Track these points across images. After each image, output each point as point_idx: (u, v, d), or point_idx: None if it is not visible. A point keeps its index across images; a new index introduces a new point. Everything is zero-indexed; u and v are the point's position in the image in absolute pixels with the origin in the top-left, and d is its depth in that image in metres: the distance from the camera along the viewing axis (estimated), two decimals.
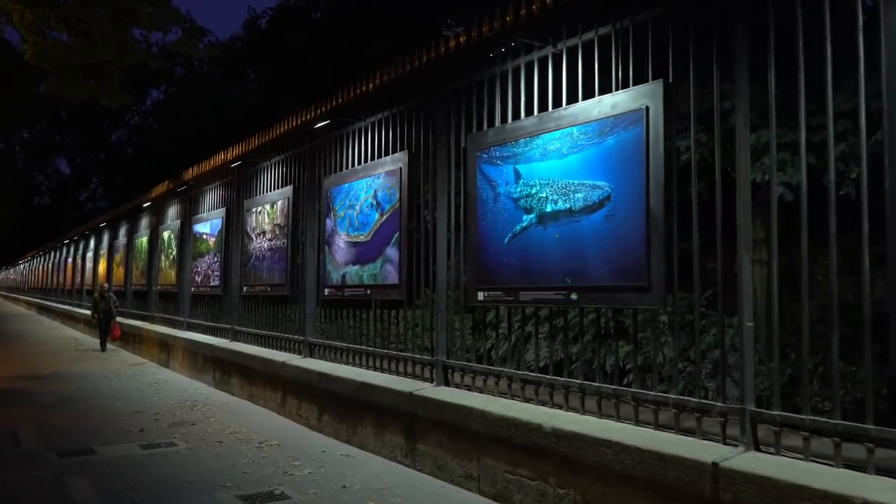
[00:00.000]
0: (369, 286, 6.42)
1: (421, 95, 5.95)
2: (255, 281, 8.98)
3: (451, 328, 5.53)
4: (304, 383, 6.98)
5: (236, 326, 9.65)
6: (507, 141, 4.91)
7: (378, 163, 6.46)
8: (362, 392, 5.94)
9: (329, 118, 7.09)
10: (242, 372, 8.57)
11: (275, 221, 8.53)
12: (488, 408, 4.62)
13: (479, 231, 5.08)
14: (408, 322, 6.20)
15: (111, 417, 7.42)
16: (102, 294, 14.85)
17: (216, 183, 10.84)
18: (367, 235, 6.51)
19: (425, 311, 5.99)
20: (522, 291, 4.71)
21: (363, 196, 6.61)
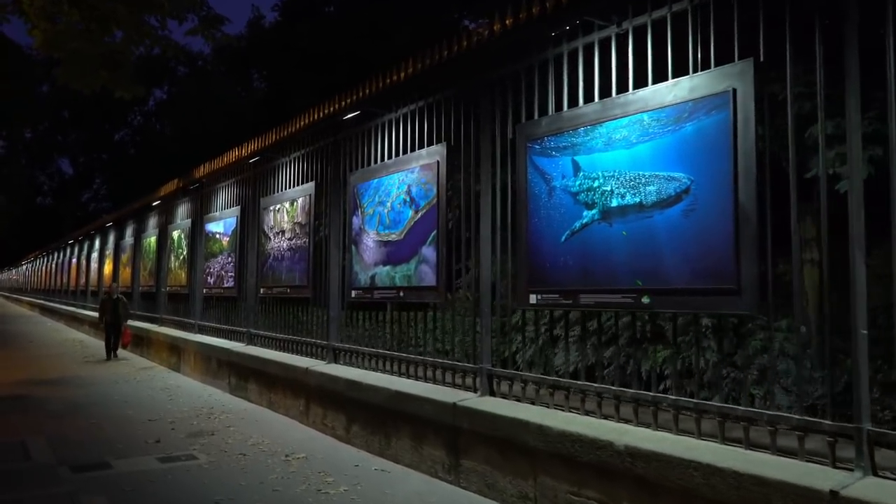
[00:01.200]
0: (402, 288, 6.02)
1: (461, 83, 5.55)
2: (274, 282, 8.58)
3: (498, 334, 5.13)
4: (329, 391, 6.58)
5: (252, 330, 9.25)
6: (563, 130, 4.50)
7: (412, 156, 6.05)
8: (397, 402, 5.54)
9: (357, 109, 6.69)
10: (261, 378, 8.17)
11: (295, 220, 8.13)
12: (546, 422, 4.22)
13: (531, 228, 4.68)
14: (446, 327, 5.80)
15: (125, 427, 7.02)
16: (111, 295, 13.62)
17: (230, 180, 10.45)
18: (399, 234, 6.10)
19: (466, 315, 5.59)
20: (583, 294, 4.30)
21: (395, 192, 6.21)
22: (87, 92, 7.11)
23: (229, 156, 10.19)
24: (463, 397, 5.03)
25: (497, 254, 5.11)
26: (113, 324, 13.20)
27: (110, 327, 13.21)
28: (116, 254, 18.08)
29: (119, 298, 13.48)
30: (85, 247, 23.10)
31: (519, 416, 4.40)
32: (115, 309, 13.18)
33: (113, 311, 13.16)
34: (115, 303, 13.26)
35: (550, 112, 4.69)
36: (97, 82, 7.00)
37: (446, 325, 5.90)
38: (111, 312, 13.17)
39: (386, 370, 6.29)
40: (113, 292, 13.76)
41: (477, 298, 5.26)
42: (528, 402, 4.75)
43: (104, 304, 13.38)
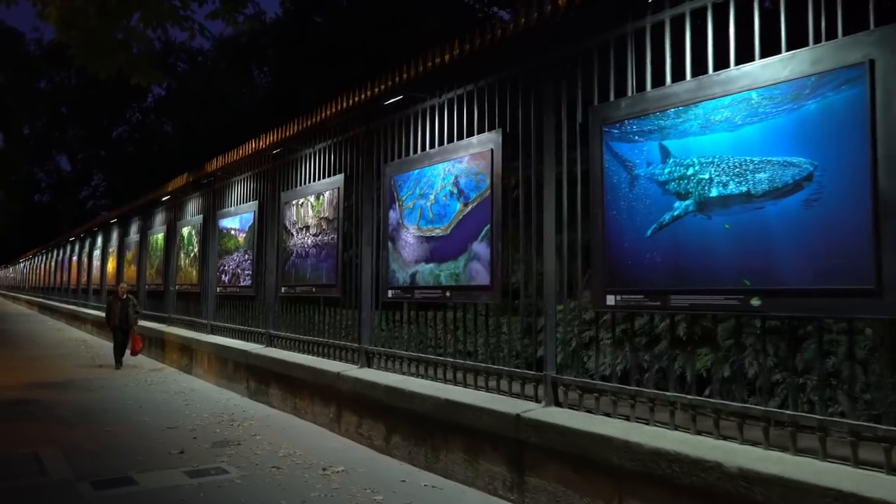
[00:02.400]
0: (449, 288, 5.55)
1: (518, 65, 5.08)
2: (297, 281, 8.10)
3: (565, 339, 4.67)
4: (365, 398, 6.11)
5: (272, 331, 8.77)
6: (648, 112, 4.04)
7: (460, 145, 5.58)
8: (448, 411, 5.07)
9: (395, 95, 6.22)
10: (284, 382, 7.70)
11: (321, 215, 7.65)
12: (633, 437, 3.76)
13: (609, 222, 4.21)
14: (503, 330, 5.34)
15: (143, 435, 6.54)
16: (119, 295, 12.06)
17: (247, 174, 9.96)
18: (444, 229, 5.63)
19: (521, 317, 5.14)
20: (675, 295, 3.84)
21: (439, 184, 5.74)
22: (103, 76, 6.63)
23: (245, 148, 9.71)
24: (526, 408, 4.57)
25: (564, 251, 4.64)
26: (122, 328, 11.83)
27: (118, 331, 11.82)
28: (120, 251, 17.58)
29: (128, 299, 12.04)
30: (86, 244, 22.57)
31: (599, 431, 3.94)
32: (124, 311, 11.83)
33: (121, 314, 11.81)
34: (124, 304, 11.91)
35: (631, 92, 4.23)
36: (114, 66, 6.52)
37: (501, 328, 5.44)
38: (119, 315, 11.81)
39: (428, 376, 5.83)
40: (121, 292, 12.16)
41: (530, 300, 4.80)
42: (601, 413, 4.29)
43: (111, 306, 11.99)
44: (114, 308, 11.89)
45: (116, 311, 11.82)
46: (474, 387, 5.33)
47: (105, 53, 6.26)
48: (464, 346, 5.59)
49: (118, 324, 11.79)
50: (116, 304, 11.90)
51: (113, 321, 11.84)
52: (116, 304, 11.90)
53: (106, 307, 12.21)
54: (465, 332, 5.59)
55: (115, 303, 11.95)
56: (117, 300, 11.98)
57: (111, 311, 11.91)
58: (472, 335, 5.58)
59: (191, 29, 6.48)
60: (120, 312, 11.78)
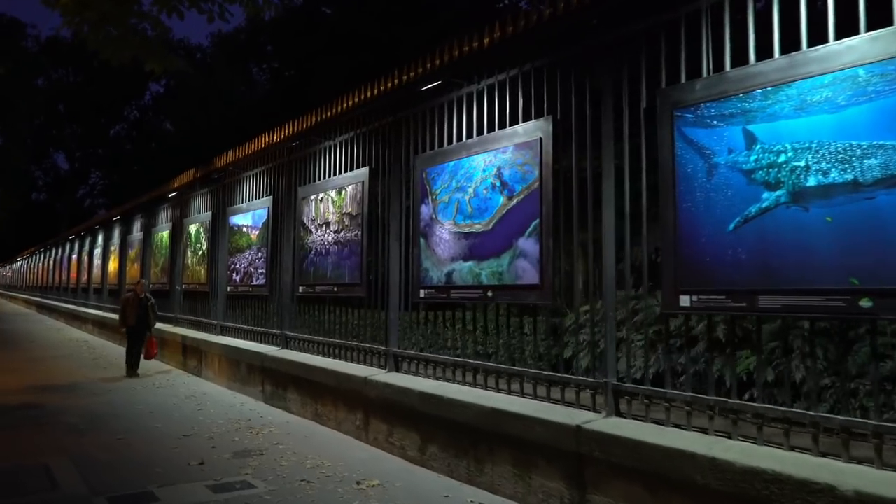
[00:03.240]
0: (492, 287, 5.17)
1: (571, 47, 4.70)
2: (316, 280, 7.71)
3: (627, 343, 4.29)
4: (396, 404, 5.73)
5: (288, 332, 8.38)
6: (729, 94, 3.66)
7: (503, 134, 5.20)
8: (494, 421, 4.69)
9: (428, 82, 5.84)
10: (304, 387, 7.30)
11: (343, 210, 7.26)
12: (719, 454, 3.38)
13: (682, 215, 3.84)
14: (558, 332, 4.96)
15: (158, 444, 6.15)
16: (138, 294, 10.81)
17: (259, 168, 9.56)
18: (485, 224, 5.25)
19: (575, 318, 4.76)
20: (763, 296, 3.46)
21: (479, 176, 5.36)
22: (115, 62, 6.25)
23: (258, 141, 9.32)
24: (586, 419, 4.19)
25: (627, 247, 4.26)
26: (138, 331, 10.61)
27: (134, 335, 10.57)
28: (123, 249, 17.16)
29: (147, 299, 10.85)
30: (86, 242, 22.13)
31: (678, 446, 3.56)
32: (143, 312, 10.62)
33: (139, 315, 10.61)
34: (143, 304, 10.67)
35: (706, 73, 3.85)
36: (128, 52, 6.15)
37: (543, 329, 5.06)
38: (137, 316, 10.60)
39: (467, 382, 5.45)
40: (140, 291, 10.88)
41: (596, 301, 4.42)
42: (672, 425, 3.92)
43: (128, 306, 10.67)
44: (130, 309, 10.64)
45: (134, 313, 10.62)
46: (519, 394, 4.95)
47: (118, 38, 5.88)
48: (508, 351, 5.20)
49: (134, 325, 10.57)
50: (134, 303, 10.67)
51: (128, 322, 10.60)
52: (134, 303, 10.67)
53: (121, 307, 10.89)
54: (512, 335, 5.20)
55: (132, 303, 10.69)
56: (135, 299, 10.72)
57: (126, 312, 10.65)
58: (518, 338, 5.20)
59: (209, 11, 6.10)
60: (137, 313, 10.62)
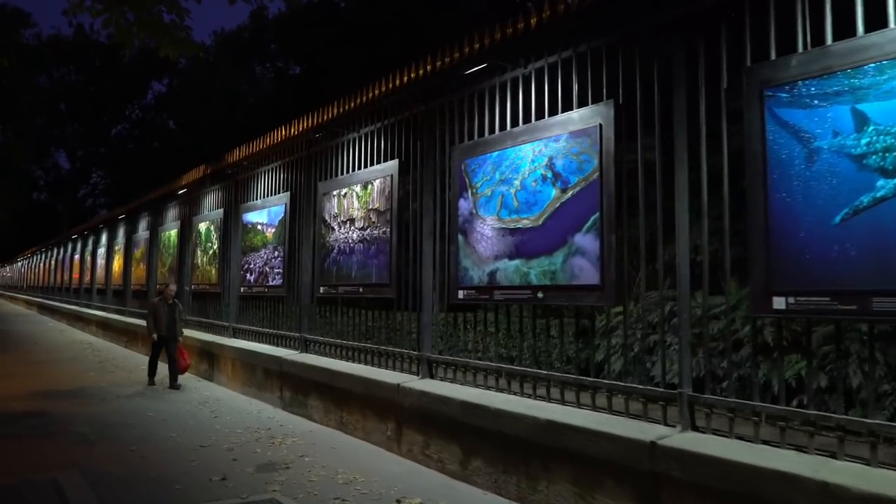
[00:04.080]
0: (543, 287, 4.75)
1: (632, 25, 4.28)
2: (339, 280, 7.29)
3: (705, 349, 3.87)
4: (433, 414, 5.31)
5: (308, 335, 7.96)
6: (833, 70, 3.25)
7: (555, 121, 4.78)
8: (550, 434, 4.27)
9: (468, 67, 5.41)
10: (327, 393, 6.88)
11: (370, 206, 6.84)
12: (828, 476, 2.96)
13: (775, 207, 3.42)
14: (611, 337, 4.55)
15: (175, 456, 5.72)
16: (166, 299, 9.76)
17: (276, 163, 9.14)
18: (535, 219, 4.83)
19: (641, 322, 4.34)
20: (879, 298, 3.04)
21: (527, 167, 4.94)
22: (129, 46, 5.83)
23: (274, 135, 8.91)
24: (660, 433, 3.78)
25: (705, 243, 3.85)
26: (169, 338, 9.58)
27: (163, 343, 9.59)
28: (128, 249, 16.74)
29: (175, 304, 9.82)
30: (89, 242, 21.71)
31: (776, 467, 3.15)
32: (172, 318, 9.64)
33: (169, 321, 9.61)
34: (171, 309, 9.69)
35: (803, 48, 3.43)
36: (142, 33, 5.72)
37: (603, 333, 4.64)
38: (167, 323, 9.61)
39: (512, 390, 5.03)
40: (168, 295, 9.81)
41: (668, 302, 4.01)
42: (760, 442, 3.51)
43: (156, 311, 9.64)
44: (159, 315, 9.61)
45: (163, 319, 9.59)
46: (575, 404, 4.54)
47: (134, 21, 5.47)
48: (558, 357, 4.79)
49: (166, 333, 9.57)
50: (163, 309, 9.65)
51: (159, 330, 9.57)
52: (163, 309, 9.65)
53: (149, 313, 9.78)
54: (566, 339, 4.79)
55: (160, 308, 9.66)
56: (164, 304, 9.71)
57: (157, 318, 9.60)
58: (572, 343, 4.78)
59: None
60: (167, 320, 9.62)
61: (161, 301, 9.78)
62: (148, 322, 9.74)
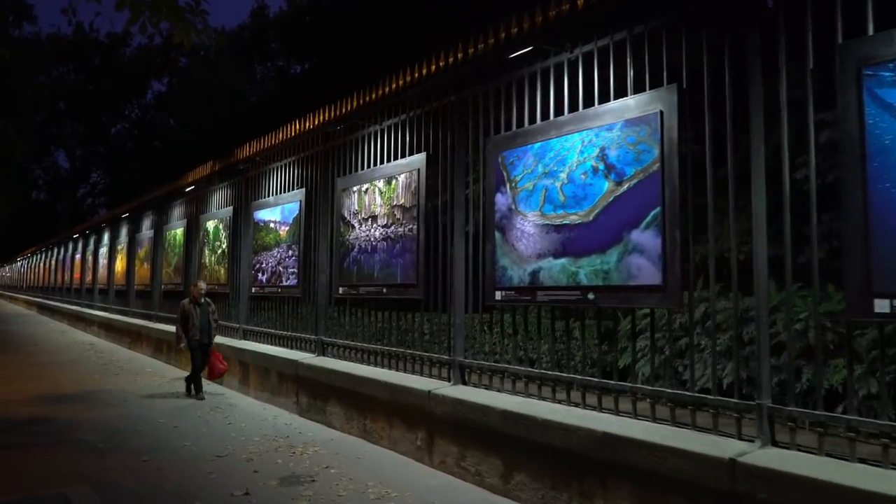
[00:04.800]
0: (595, 288, 4.39)
1: (697, 3, 3.93)
2: (360, 280, 6.93)
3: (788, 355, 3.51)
4: (469, 424, 4.95)
5: (325, 337, 7.60)
6: None
7: (608, 109, 4.43)
8: (606, 448, 3.91)
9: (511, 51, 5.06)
10: (348, 399, 6.52)
11: (394, 202, 6.49)
12: None
13: (875, 198, 3.07)
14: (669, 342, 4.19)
15: (191, 467, 5.36)
16: (197, 299, 8.76)
17: (289, 158, 8.78)
18: (585, 214, 4.48)
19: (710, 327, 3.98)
20: None
21: (575, 158, 4.58)
22: (143, 31, 5.47)
23: (287, 130, 8.55)
24: (738, 449, 3.42)
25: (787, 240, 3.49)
26: (203, 344, 8.63)
27: (198, 349, 8.59)
28: (131, 248, 16.36)
29: (208, 304, 8.84)
30: (91, 241, 21.34)
31: (888, 491, 2.79)
32: (205, 320, 8.67)
33: (202, 325, 8.63)
34: (204, 311, 8.73)
35: None
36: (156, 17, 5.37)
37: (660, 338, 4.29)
38: (200, 326, 8.61)
39: (556, 399, 4.68)
40: (198, 295, 8.78)
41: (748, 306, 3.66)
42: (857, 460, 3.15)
43: (187, 314, 8.63)
44: (190, 317, 8.59)
45: (196, 322, 8.57)
46: (632, 414, 4.18)
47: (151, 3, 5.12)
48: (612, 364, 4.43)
49: (200, 338, 8.58)
50: (194, 311, 8.64)
51: (192, 335, 8.57)
52: (194, 311, 8.64)
53: (179, 316, 8.71)
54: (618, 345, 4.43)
55: (191, 310, 8.65)
56: (194, 306, 8.68)
57: (188, 322, 8.57)
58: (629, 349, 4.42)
59: None
60: (200, 323, 8.61)
61: (191, 303, 8.70)
62: (177, 328, 8.68)
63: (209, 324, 8.70)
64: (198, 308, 8.70)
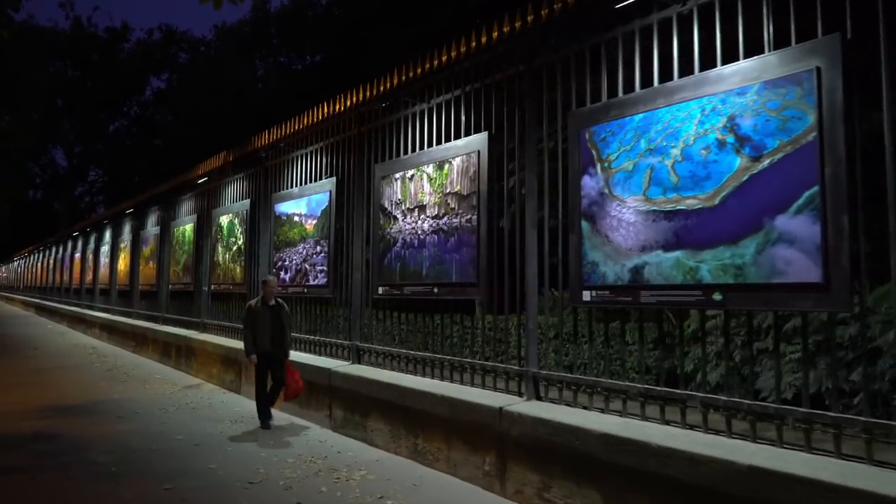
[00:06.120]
0: (722, 286, 3.61)
1: None
2: (405, 278, 6.16)
3: None
4: (556, 448, 4.17)
5: (361, 343, 6.82)
6: None
7: (738, 69, 3.65)
8: (758, 485, 3.14)
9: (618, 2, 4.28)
10: (394, 414, 5.74)
11: (446, 189, 5.71)
12: None
13: None
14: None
15: (223, 499, 4.58)
16: (267, 300, 6.80)
17: (317, 145, 7.99)
18: (708, 197, 3.70)
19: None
20: None
21: (693, 130, 3.81)
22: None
23: (313, 114, 7.78)
24: None
25: None
26: (275, 357, 6.76)
27: (269, 362, 6.75)
28: (135, 246, 15.56)
29: (280, 306, 6.90)
30: (91, 239, 20.52)
31: None
32: (277, 327, 6.77)
33: (273, 332, 6.74)
34: (276, 315, 6.80)
35: None
36: None
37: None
38: (271, 335, 6.73)
39: (664, 420, 3.91)
40: (269, 295, 6.82)
41: None
42: None
43: (255, 318, 6.74)
44: (260, 323, 6.70)
45: (267, 329, 6.70)
46: (778, 443, 3.41)
47: None
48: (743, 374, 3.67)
49: (270, 350, 6.71)
50: (264, 315, 6.72)
51: (261, 346, 6.70)
52: (264, 315, 6.72)
53: (245, 321, 6.85)
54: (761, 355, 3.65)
55: (259, 314, 6.73)
56: (264, 309, 6.75)
57: (257, 329, 6.70)
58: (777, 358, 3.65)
59: None
60: (272, 330, 6.73)
61: (260, 305, 6.78)
62: (245, 337, 6.79)
63: (282, 331, 6.80)
64: (268, 311, 6.76)
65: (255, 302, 6.92)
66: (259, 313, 6.76)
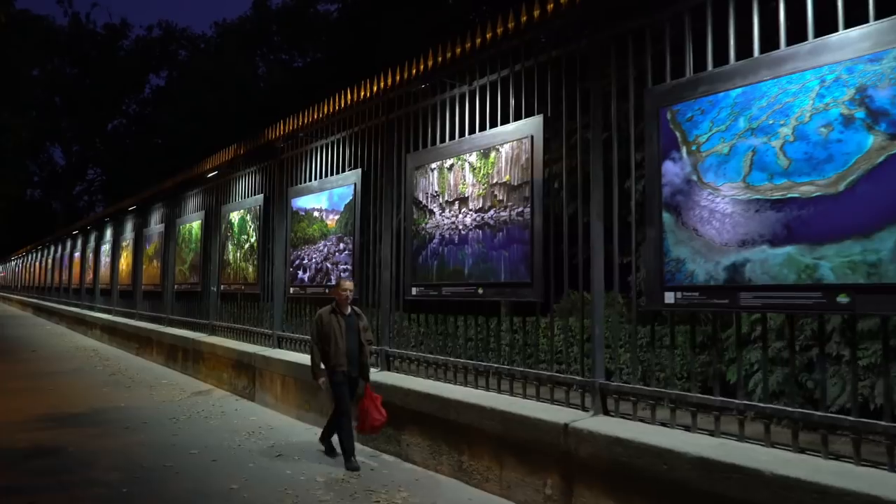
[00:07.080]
0: (849, 287, 3.07)
1: None
2: (444, 277, 5.61)
3: None
4: (639, 472, 3.63)
5: (389, 348, 6.28)
6: None
7: (867, 33, 3.11)
8: None
9: None
10: (434, 428, 5.19)
11: (492, 180, 5.16)
12: None
13: None
14: None
15: None
16: (341, 307, 5.48)
17: (339, 135, 7.43)
18: (829, 183, 3.16)
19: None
20: None
21: (808, 105, 3.27)
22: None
23: (336, 102, 7.24)
24: None
25: None
26: (351, 377, 5.46)
27: (344, 385, 5.40)
28: (138, 245, 15.00)
29: (357, 316, 5.59)
30: (91, 238, 19.94)
31: None
32: (353, 339, 5.46)
33: (349, 346, 5.42)
34: (350, 324, 5.48)
35: None
36: None
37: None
38: (347, 348, 5.40)
39: (770, 442, 3.36)
40: (344, 300, 5.49)
41: None
42: None
43: (328, 331, 5.39)
44: (335, 335, 5.37)
45: (341, 342, 5.37)
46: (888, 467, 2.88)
47: None
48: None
49: (347, 370, 5.39)
50: (338, 325, 5.41)
51: (334, 363, 5.35)
52: (338, 325, 5.41)
53: (313, 334, 5.51)
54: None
55: (334, 323, 5.40)
56: (338, 317, 5.45)
57: (331, 341, 5.35)
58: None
59: None
60: (347, 343, 5.40)
61: (332, 312, 5.46)
62: (313, 353, 5.48)
63: (359, 346, 5.49)
64: (343, 321, 5.44)
65: (327, 311, 5.48)
66: (332, 324, 5.39)
